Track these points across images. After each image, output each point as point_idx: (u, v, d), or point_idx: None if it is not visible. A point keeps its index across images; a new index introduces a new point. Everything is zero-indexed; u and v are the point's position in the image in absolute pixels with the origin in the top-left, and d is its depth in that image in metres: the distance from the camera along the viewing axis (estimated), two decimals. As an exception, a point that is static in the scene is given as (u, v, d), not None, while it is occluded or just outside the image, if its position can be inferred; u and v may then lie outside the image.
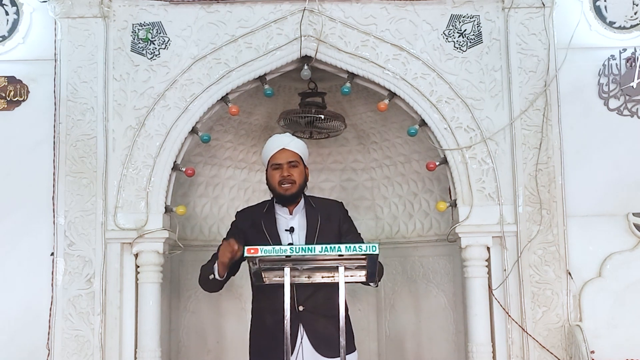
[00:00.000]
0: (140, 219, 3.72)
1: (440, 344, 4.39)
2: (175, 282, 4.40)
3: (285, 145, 3.14)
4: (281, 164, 3.11)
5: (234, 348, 4.56)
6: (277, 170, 3.12)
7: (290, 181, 3.09)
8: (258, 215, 3.16)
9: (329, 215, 3.17)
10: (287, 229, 3.08)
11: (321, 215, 3.13)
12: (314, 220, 3.11)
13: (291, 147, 3.14)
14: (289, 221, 3.12)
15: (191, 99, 3.80)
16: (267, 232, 3.08)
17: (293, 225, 3.09)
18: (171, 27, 3.84)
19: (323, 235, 3.07)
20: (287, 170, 3.10)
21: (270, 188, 3.17)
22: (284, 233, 3.08)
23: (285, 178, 3.09)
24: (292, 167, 3.11)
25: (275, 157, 3.13)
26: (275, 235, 3.08)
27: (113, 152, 3.77)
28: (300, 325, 2.99)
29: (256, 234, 3.10)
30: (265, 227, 3.09)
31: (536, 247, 3.69)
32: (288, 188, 3.09)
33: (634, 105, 3.85)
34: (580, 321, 3.64)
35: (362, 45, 3.82)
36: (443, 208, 3.89)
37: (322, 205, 3.20)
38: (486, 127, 3.77)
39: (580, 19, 3.87)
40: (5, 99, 3.89)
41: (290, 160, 3.11)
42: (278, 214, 3.15)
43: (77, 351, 3.65)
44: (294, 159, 3.12)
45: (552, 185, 3.73)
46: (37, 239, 3.77)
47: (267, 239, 3.06)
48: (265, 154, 3.19)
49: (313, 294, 2.98)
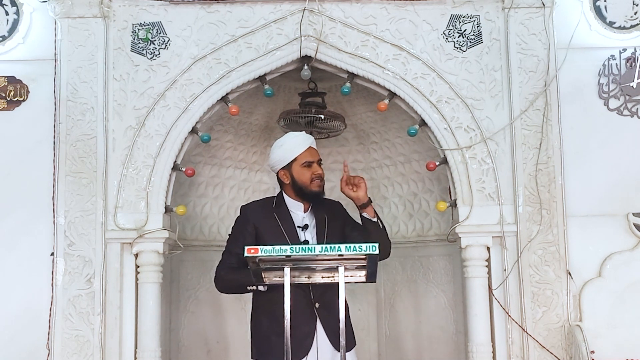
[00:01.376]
0: (140, 219, 3.73)
1: (440, 344, 4.39)
2: (175, 282, 4.40)
3: (312, 144, 3.19)
4: (313, 161, 3.14)
5: (234, 348, 4.56)
6: (308, 169, 3.13)
7: (321, 178, 3.14)
8: (268, 210, 3.17)
9: (333, 214, 3.21)
10: (301, 225, 3.12)
11: (327, 214, 3.17)
12: (322, 219, 3.15)
13: (314, 146, 3.21)
14: (303, 219, 3.15)
15: (191, 99, 3.80)
16: (283, 227, 3.10)
17: (307, 222, 3.13)
18: (171, 27, 3.84)
19: (331, 233, 3.11)
20: (318, 168, 3.14)
21: (298, 186, 3.14)
22: (298, 230, 3.11)
23: (318, 176, 3.13)
24: (320, 165, 3.17)
25: (304, 155, 3.14)
26: (292, 231, 3.10)
27: (113, 152, 3.77)
28: (318, 322, 3.02)
29: (269, 227, 3.11)
30: (281, 222, 3.11)
31: (536, 247, 3.69)
32: (321, 185, 3.14)
33: (634, 105, 3.85)
34: (580, 321, 3.64)
35: (362, 45, 3.82)
36: (443, 208, 3.89)
37: (325, 205, 3.23)
38: (486, 127, 3.77)
39: (580, 19, 3.87)
40: (5, 99, 3.89)
41: (319, 159, 3.18)
42: (291, 210, 3.16)
43: (77, 351, 3.65)
44: (320, 158, 3.20)
45: (552, 185, 3.73)
46: (37, 239, 3.77)
47: (283, 233, 3.08)
48: (289, 151, 3.15)
49: (327, 291, 2.99)
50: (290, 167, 3.15)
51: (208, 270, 4.51)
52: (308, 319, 2.99)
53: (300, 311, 2.92)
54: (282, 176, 3.17)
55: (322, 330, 3.02)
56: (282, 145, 3.18)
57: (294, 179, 3.14)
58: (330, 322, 2.99)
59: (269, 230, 3.09)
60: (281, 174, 3.17)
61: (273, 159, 3.19)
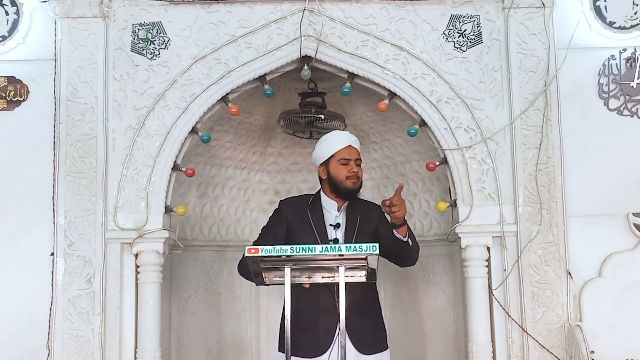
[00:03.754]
0: (140, 219, 3.73)
1: (440, 344, 4.39)
2: (175, 282, 4.40)
3: (352, 142, 3.19)
4: (350, 159, 3.15)
5: (234, 348, 4.56)
6: (344, 166, 3.15)
7: (357, 177, 3.14)
8: (303, 206, 3.19)
9: (368, 215, 3.20)
10: (333, 224, 3.13)
11: (361, 215, 3.17)
12: (354, 219, 3.15)
13: (356, 146, 3.21)
14: (336, 217, 3.16)
15: (191, 99, 3.80)
16: (314, 224, 3.12)
17: (339, 221, 3.14)
18: (171, 27, 3.84)
19: (361, 233, 3.11)
20: (353, 166, 3.15)
21: (333, 181, 3.16)
22: (329, 227, 3.12)
23: (354, 174, 3.14)
24: (358, 165, 3.17)
25: (342, 152, 3.16)
26: (322, 228, 3.12)
27: (113, 152, 3.77)
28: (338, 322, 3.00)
29: (300, 224, 3.13)
30: (312, 219, 3.13)
31: (536, 247, 3.69)
32: (356, 183, 3.14)
33: (634, 105, 3.85)
34: (580, 321, 3.64)
35: (362, 45, 3.82)
36: (443, 208, 3.89)
37: (361, 206, 3.23)
38: (486, 127, 3.77)
39: (580, 19, 3.87)
40: (5, 99, 3.89)
41: (357, 158, 3.18)
42: (325, 208, 3.18)
43: (77, 351, 3.65)
44: (359, 157, 3.19)
45: (552, 185, 3.73)
46: (37, 239, 3.77)
47: (313, 230, 3.10)
48: (328, 147, 3.18)
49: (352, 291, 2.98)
50: (328, 163, 3.17)
51: (208, 270, 4.53)
52: (330, 317, 2.95)
53: (323, 309, 2.96)
54: (320, 172, 3.20)
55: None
56: (323, 141, 3.22)
57: (330, 175, 3.16)
58: (355, 322, 2.98)
59: (300, 226, 3.13)
60: (319, 170, 3.21)
61: (314, 154, 3.24)
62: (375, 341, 3.06)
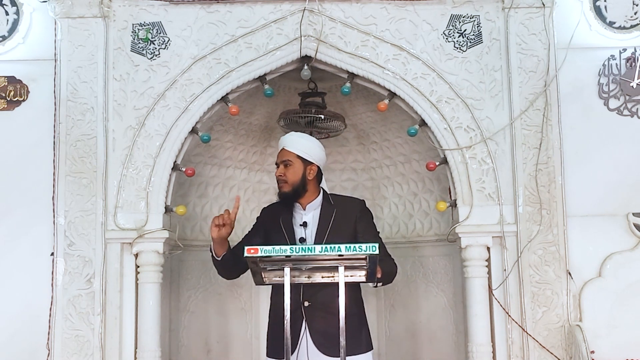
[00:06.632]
0: (140, 219, 3.73)
1: (440, 344, 4.39)
2: (175, 282, 4.40)
3: (284, 145, 3.21)
4: (278, 163, 3.21)
5: (234, 348, 4.56)
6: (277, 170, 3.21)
7: (282, 180, 3.17)
8: (279, 211, 3.23)
9: (344, 212, 3.19)
10: (301, 223, 3.14)
11: (336, 212, 3.17)
12: (327, 217, 3.15)
13: (288, 147, 3.20)
14: (302, 216, 3.17)
15: (191, 99, 3.80)
16: (283, 224, 3.15)
17: (307, 220, 3.15)
18: (171, 27, 3.84)
19: (336, 231, 3.10)
20: (281, 169, 3.18)
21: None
22: (298, 227, 3.14)
23: (279, 178, 3.18)
24: (285, 166, 3.17)
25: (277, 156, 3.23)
26: (290, 228, 3.15)
27: (113, 152, 3.77)
28: (304, 322, 3.01)
29: (274, 226, 3.18)
30: (282, 221, 3.17)
31: (536, 247, 3.69)
32: (282, 186, 3.17)
33: (634, 105, 3.86)
34: (580, 321, 3.64)
35: (362, 45, 3.82)
36: (443, 208, 3.89)
37: (339, 203, 3.24)
38: (486, 127, 3.77)
39: (580, 19, 3.87)
40: (5, 99, 3.89)
41: (283, 160, 3.19)
42: (295, 209, 3.21)
43: (77, 351, 3.65)
44: (287, 158, 3.18)
45: (552, 185, 3.73)
46: (37, 239, 3.77)
47: (282, 231, 3.14)
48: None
49: (320, 290, 2.98)
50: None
51: (208, 270, 4.50)
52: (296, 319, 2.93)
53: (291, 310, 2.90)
54: None
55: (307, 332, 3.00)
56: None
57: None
58: (320, 324, 2.98)
59: (273, 229, 3.17)
60: None
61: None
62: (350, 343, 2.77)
